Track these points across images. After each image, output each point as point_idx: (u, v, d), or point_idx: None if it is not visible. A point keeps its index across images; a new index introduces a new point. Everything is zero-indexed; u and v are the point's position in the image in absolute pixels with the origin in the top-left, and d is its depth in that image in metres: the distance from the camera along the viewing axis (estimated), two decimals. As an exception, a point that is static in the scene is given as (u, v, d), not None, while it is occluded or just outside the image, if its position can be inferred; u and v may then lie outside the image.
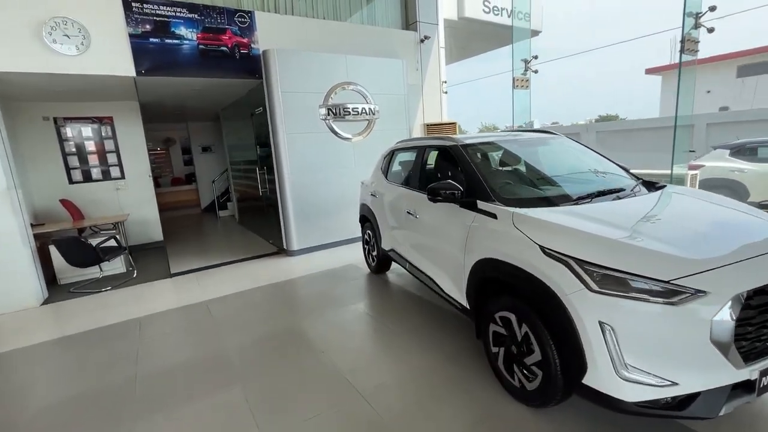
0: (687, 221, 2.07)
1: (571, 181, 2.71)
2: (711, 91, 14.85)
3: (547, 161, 2.99)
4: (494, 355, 2.35)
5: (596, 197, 2.36)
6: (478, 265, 2.34)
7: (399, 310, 3.51)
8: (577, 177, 2.78)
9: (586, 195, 2.38)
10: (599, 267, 1.71)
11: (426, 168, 3.44)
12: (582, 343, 1.72)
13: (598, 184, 2.58)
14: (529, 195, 2.47)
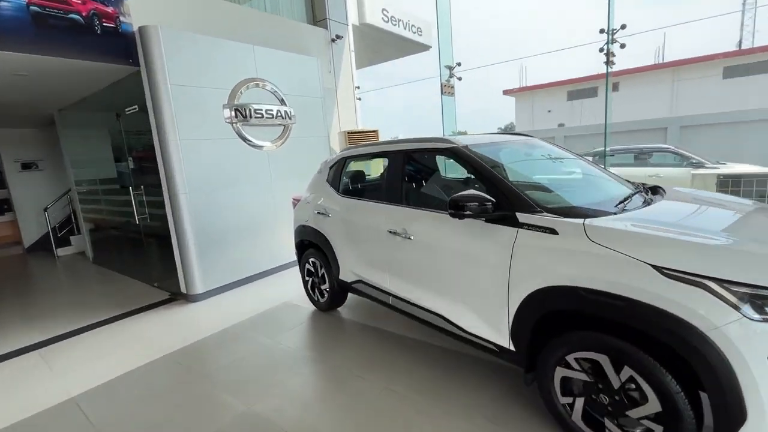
0: (753, 223, 1.92)
1: (589, 186, 2.45)
2: (551, 111, 18.07)
3: (551, 166, 2.70)
4: (565, 407, 1.84)
5: (631, 203, 2.10)
6: (537, 297, 1.81)
7: (389, 360, 2.73)
8: (588, 181, 2.54)
9: (623, 201, 2.10)
10: (745, 285, 1.36)
11: (414, 177, 2.81)
12: (741, 387, 1.33)
13: (616, 189, 2.36)
14: (570, 203, 2.08)
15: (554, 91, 18.01)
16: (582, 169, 2.68)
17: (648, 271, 1.49)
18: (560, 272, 1.73)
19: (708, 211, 2.11)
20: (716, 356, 1.35)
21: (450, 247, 2.26)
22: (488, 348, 2.14)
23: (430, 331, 2.96)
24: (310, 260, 3.65)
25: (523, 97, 18.86)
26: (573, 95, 17.55)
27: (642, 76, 15.65)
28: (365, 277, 3.00)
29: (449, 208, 2.05)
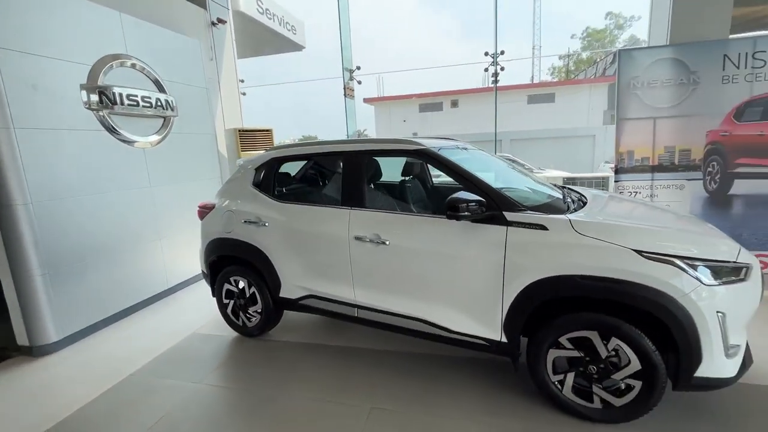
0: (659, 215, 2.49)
1: (535, 187, 2.75)
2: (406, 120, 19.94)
3: (494, 168, 2.93)
4: (556, 384, 2.05)
5: (576, 203, 2.46)
6: (534, 288, 1.97)
7: (362, 378, 2.51)
8: (529, 183, 2.87)
9: (565, 200, 2.46)
10: (703, 260, 1.78)
11: (378, 179, 2.66)
12: (701, 337, 1.74)
13: (552, 190, 2.74)
14: (541, 201, 2.31)
15: (408, 103, 19.97)
16: (517, 171, 3.03)
17: (632, 255, 1.80)
18: (557, 263, 1.92)
19: (633, 206, 2.65)
20: (684, 315, 1.73)
21: (435, 250, 2.24)
22: (475, 344, 2.21)
23: (397, 341, 2.88)
24: (232, 279, 3.07)
25: (382, 106, 20.29)
26: (424, 108, 19.83)
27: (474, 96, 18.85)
28: (318, 291, 2.70)
29: (447, 210, 2.04)
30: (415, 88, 25.94)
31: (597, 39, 35.94)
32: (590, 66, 26.34)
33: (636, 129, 4.07)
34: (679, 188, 4.01)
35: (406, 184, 3.06)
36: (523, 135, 13.02)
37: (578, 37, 37.75)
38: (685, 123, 3.96)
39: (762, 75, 3.77)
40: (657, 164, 4.05)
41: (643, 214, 2.41)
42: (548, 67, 34.50)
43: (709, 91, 3.88)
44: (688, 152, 4.00)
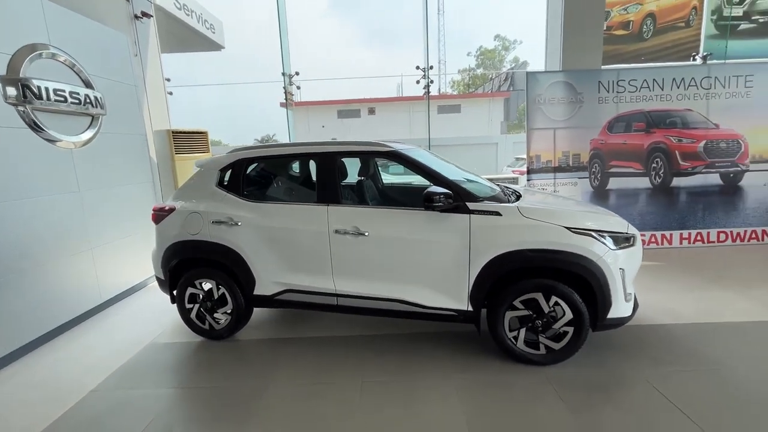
0: (567, 202, 3.18)
1: (479, 182, 3.26)
2: (325, 126, 20.06)
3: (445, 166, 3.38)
4: (511, 340, 2.55)
5: (508, 195, 3.05)
6: (495, 262, 2.43)
7: (345, 360, 2.71)
8: (474, 179, 3.37)
9: (510, 193, 3.02)
10: (608, 232, 2.42)
11: (346, 179, 2.89)
12: (611, 288, 2.37)
13: (492, 185, 3.30)
14: (489, 194, 2.79)
15: (327, 108, 20.14)
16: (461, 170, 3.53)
17: (564, 231, 2.37)
18: (510, 242, 2.41)
19: (552, 197, 3.33)
20: (600, 273, 2.35)
21: (411, 237, 2.58)
22: (447, 316, 2.61)
23: (372, 326, 3.15)
24: (197, 282, 3.02)
25: (299, 111, 20.07)
26: (342, 114, 20.20)
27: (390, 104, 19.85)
28: (296, 285, 2.84)
29: (424, 202, 2.40)
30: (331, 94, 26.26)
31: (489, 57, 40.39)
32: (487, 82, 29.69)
33: (541, 137, 4.98)
34: (573, 185, 5.01)
35: (364, 183, 3.36)
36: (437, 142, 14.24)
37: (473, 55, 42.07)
38: (575, 133, 4.98)
39: (624, 98, 4.95)
40: (557, 166, 5.00)
41: (561, 203, 3.08)
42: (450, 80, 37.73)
43: (590, 108, 4.94)
44: (578, 156, 5.02)
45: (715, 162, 4.95)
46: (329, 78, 49.82)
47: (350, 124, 19.78)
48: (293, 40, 9.53)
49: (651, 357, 2.59)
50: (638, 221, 4.98)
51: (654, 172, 4.97)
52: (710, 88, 4.93)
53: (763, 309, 3.19)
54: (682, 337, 2.82)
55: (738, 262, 4.41)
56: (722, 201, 5.02)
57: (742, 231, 5.04)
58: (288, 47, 5.73)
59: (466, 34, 61.90)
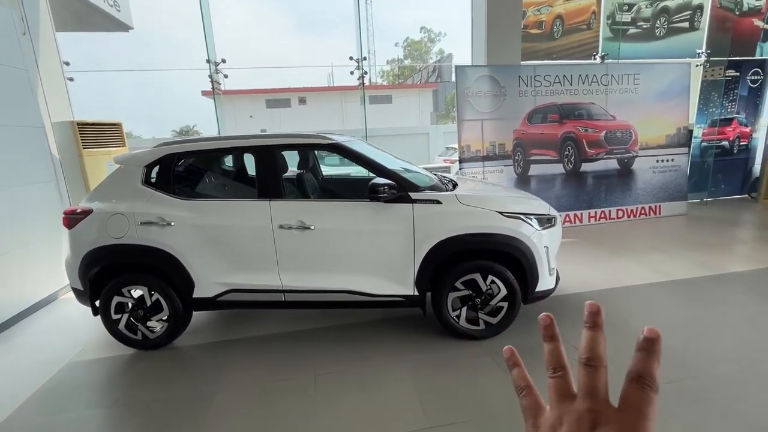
0: (497, 188, 3.45)
1: (418, 173, 3.38)
2: (253, 116, 19.03)
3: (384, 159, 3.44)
4: (453, 318, 2.74)
5: (449, 183, 3.23)
6: (438, 247, 2.59)
7: (299, 355, 2.69)
8: (413, 169, 3.49)
9: (443, 181, 3.20)
10: (534, 215, 2.70)
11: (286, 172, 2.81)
12: (538, 265, 2.66)
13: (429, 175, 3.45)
14: (429, 183, 2.93)
15: (254, 98, 19.09)
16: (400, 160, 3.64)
17: (496, 215, 2.60)
18: (449, 227, 2.58)
19: (483, 185, 3.58)
20: (528, 251, 2.62)
21: (357, 228, 2.63)
22: (395, 302, 2.72)
23: (320, 320, 3.15)
24: (125, 290, 2.76)
25: (224, 100, 18.75)
26: (271, 104, 19.31)
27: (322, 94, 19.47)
28: (240, 284, 2.74)
29: (370, 193, 2.46)
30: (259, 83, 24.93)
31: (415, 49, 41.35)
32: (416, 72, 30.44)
33: (470, 128, 5.30)
34: (500, 172, 5.43)
35: (304, 176, 3.32)
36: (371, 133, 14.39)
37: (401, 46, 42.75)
38: (500, 124, 5.37)
39: (540, 92, 5.45)
40: (486, 155, 5.37)
41: (491, 189, 3.35)
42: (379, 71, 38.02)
43: (512, 101, 5.36)
44: (503, 145, 5.44)
45: (613, 149, 5.70)
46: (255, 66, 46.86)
47: (280, 114, 19.04)
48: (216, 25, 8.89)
49: (570, 322, 2.96)
50: (555, 203, 5.57)
51: (566, 159, 5.58)
52: (608, 84, 5.63)
53: (653, 273, 3.80)
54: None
55: (633, 234, 5.17)
56: (619, 183, 5.81)
57: (635, 208, 5.89)
58: (212, 31, 5.32)
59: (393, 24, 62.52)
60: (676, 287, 3.49)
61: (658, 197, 5.94)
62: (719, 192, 6.95)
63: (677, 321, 2.90)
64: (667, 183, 5.95)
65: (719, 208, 6.33)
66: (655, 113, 5.79)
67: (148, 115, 34.79)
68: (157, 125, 44.25)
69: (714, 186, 6.81)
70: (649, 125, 5.81)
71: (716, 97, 6.57)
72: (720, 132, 6.63)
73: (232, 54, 11.46)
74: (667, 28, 6.36)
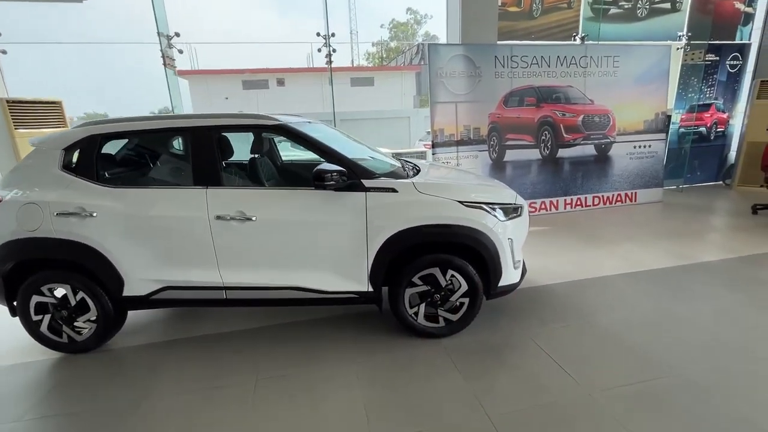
0: (466, 176, 3.23)
1: (378, 158, 3.12)
2: (229, 98, 18.26)
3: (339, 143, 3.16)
4: (411, 316, 2.54)
5: (410, 169, 2.98)
6: (393, 240, 2.36)
7: (240, 357, 2.46)
8: (373, 155, 3.22)
9: (410, 168, 2.95)
10: (497, 204, 2.49)
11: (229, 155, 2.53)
12: (501, 258, 2.47)
13: (391, 160, 3.20)
14: (386, 169, 2.68)
15: (230, 78, 18.28)
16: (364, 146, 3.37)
17: (456, 205, 2.38)
18: (407, 218, 2.35)
19: (449, 171, 3.35)
20: (491, 244, 2.42)
21: (304, 220, 2.38)
22: (348, 299, 2.50)
23: (268, 317, 2.92)
24: (45, 289, 2.47)
25: (198, 81, 17.92)
26: (248, 85, 18.55)
27: (301, 75, 18.77)
28: (176, 281, 2.47)
29: (314, 180, 2.20)
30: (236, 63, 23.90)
31: (401, 31, 40.38)
32: (399, 55, 29.73)
33: (444, 111, 5.04)
34: (474, 157, 5.21)
35: (257, 161, 3.03)
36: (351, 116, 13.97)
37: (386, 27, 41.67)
38: (475, 107, 5.13)
39: (517, 73, 5.21)
40: (460, 139, 5.13)
41: (457, 176, 3.13)
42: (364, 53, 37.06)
43: (488, 82, 5.11)
44: (478, 130, 5.21)
45: (590, 134, 5.54)
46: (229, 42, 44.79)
47: (257, 96, 18.32)
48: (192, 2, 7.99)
49: (537, 317, 2.81)
50: (530, 190, 5.42)
51: (543, 144, 5.40)
52: (587, 66, 5.42)
53: (624, 263, 3.68)
54: (563, 295, 3.12)
55: (608, 222, 5.06)
56: (596, 169, 5.67)
57: (610, 195, 5.78)
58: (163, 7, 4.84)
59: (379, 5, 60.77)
60: (648, 278, 3.37)
61: (635, 184, 5.85)
62: (695, 179, 6.92)
63: (646, 315, 2.78)
64: (644, 170, 5.85)
65: (695, 195, 6.29)
66: (633, 98, 5.63)
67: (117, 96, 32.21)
68: (125, 107, 41.77)
69: (690, 172, 6.77)
70: (627, 110, 5.65)
71: (695, 82, 6.46)
72: (698, 118, 6.55)
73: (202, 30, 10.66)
74: (648, 9, 6.16)
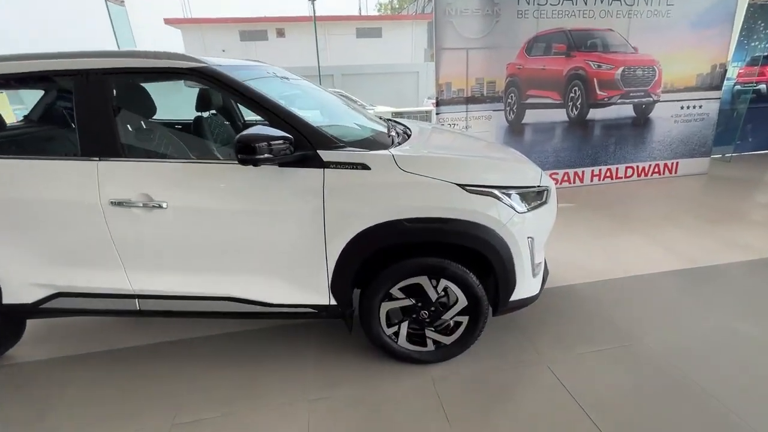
0: (475, 144, 2.45)
1: (355, 119, 2.35)
2: (225, 50, 17.00)
3: (310, 98, 2.39)
4: (390, 337, 1.89)
5: (401, 136, 2.21)
6: (359, 240, 1.65)
7: (163, 377, 1.87)
8: (350, 114, 2.45)
9: (399, 134, 2.19)
10: (515, 188, 1.74)
11: (130, 113, 1.80)
12: (516, 265, 1.75)
13: (375, 122, 2.42)
14: (363, 136, 1.92)
15: (226, 29, 16.88)
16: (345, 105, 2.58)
17: (457, 190, 1.63)
18: (381, 208, 1.63)
19: (453, 137, 2.56)
20: (503, 245, 1.70)
21: (234, 208, 1.67)
22: (302, 313, 1.84)
23: (207, 324, 2.29)
24: None
25: (191, 31, 16.57)
26: (246, 36, 17.15)
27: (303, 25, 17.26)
28: (71, 286, 1.83)
29: (238, 153, 1.46)
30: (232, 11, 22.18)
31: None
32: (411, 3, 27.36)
33: (452, 60, 4.11)
34: (487, 119, 4.34)
35: (204, 123, 2.28)
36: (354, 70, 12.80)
37: (401, -27, 38.28)
38: (491, 55, 4.18)
39: (545, 12, 4.19)
40: (470, 96, 4.24)
41: (462, 145, 2.35)
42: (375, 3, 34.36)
43: (508, 23, 4.12)
44: (493, 84, 4.29)
45: (630, 92, 4.57)
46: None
47: (256, 48, 16.98)
48: None
49: (556, 334, 2.13)
50: (552, 159, 4.57)
51: (572, 102, 4.47)
52: (633, 4, 4.36)
53: (669, 256, 2.93)
54: (591, 300, 2.42)
55: (643, 199, 4.25)
56: (633, 134, 4.76)
57: (647, 165, 4.90)
58: None
59: (390, -54, 55.57)
60: (702, 278, 2.64)
61: (677, 152, 4.93)
62: (745, 146, 5.92)
63: (707, 338, 2.08)
64: (690, 135, 4.90)
65: (746, 166, 5.36)
66: (688, 45, 4.58)
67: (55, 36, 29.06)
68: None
69: (741, 139, 5.77)
70: (678, 61, 4.62)
71: (762, 28, 5.31)
72: (760, 73, 5.45)
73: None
74: (716, -70, 4.91)
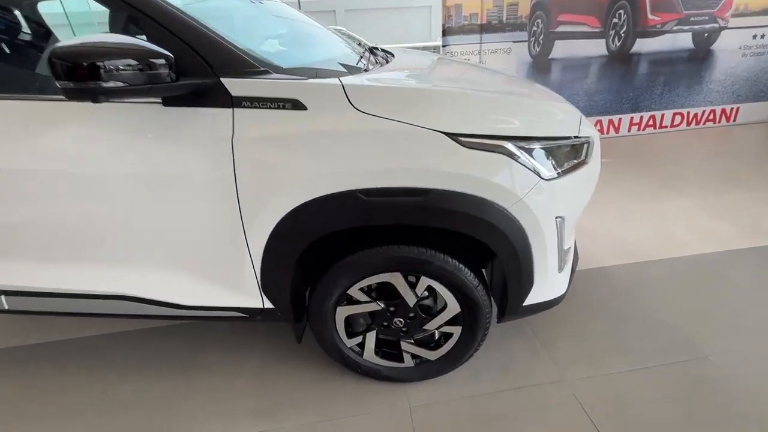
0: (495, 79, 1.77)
1: (312, 39, 1.69)
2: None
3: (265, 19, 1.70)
4: (353, 350, 1.37)
5: (370, 59, 1.57)
6: (292, 222, 1.07)
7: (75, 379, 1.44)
8: (309, 34, 1.77)
9: (362, 55, 1.54)
10: (539, 139, 1.10)
11: None
12: (534, 257, 1.16)
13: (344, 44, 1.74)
14: (311, 59, 1.29)
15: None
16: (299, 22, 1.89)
17: (445, 142, 1.01)
18: (324, 173, 1.03)
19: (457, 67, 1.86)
20: (517, 231, 1.10)
21: (94, 171, 1.09)
22: (227, 317, 1.32)
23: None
24: None
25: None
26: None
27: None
28: None
29: (59, 79, 0.84)
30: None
31: None
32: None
33: (464, -27, 3.24)
34: (506, 52, 3.52)
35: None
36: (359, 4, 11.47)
37: None
38: (514, -33, 3.28)
39: None
40: (486, 23, 3.40)
41: (463, 75, 1.66)
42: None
43: None
44: (515, 8, 3.41)
45: (690, 16, 3.62)
46: None
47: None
48: None
49: (582, 339, 1.58)
50: (584, 103, 3.77)
51: (614, 31, 3.57)
52: None
53: (733, 228, 2.27)
54: (632, 288, 1.84)
55: (695, 154, 3.48)
56: (687, 72, 3.85)
57: (699, 111, 4.04)
58: None
59: None
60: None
61: (740, 95, 4.03)
62: (821, 88, 4.90)
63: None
64: (759, 72, 3.96)
65: (821, 113, 4.41)
66: (774, -50, 3.53)
67: None
68: None
69: (817, 79, 4.74)
70: (759, -27, 3.60)
71: None
72: None
73: None
74: None
